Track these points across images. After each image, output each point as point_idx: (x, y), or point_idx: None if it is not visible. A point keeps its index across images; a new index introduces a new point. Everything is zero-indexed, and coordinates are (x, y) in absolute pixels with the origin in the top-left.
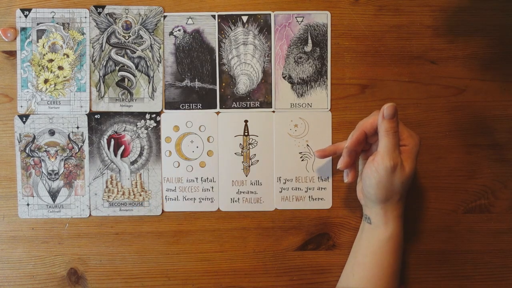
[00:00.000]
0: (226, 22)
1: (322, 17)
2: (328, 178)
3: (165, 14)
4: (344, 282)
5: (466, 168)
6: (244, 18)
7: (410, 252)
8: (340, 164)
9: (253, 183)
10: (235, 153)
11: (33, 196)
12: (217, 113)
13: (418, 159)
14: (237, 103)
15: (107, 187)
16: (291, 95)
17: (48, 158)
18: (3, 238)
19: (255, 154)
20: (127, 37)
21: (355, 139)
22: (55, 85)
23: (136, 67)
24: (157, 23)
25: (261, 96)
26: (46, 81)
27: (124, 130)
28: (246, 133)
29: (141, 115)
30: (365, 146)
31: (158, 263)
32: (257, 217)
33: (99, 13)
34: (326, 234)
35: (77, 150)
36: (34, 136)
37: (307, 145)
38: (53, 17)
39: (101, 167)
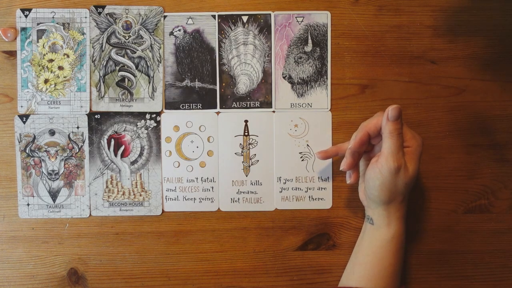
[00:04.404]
0: (226, 22)
1: (322, 17)
2: (328, 178)
3: (165, 14)
4: (345, 281)
5: (466, 168)
6: (244, 18)
7: (410, 252)
8: (343, 165)
9: (253, 183)
10: (235, 153)
11: (33, 196)
12: (217, 113)
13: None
14: (237, 103)
15: (107, 187)
16: (291, 95)
17: (48, 158)
18: (3, 238)
19: (255, 154)
20: (127, 37)
21: (358, 140)
22: (55, 85)
23: (136, 67)
24: (157, 23)
25: (261, 96)
26: (46, 81)
27: (124, 130)
28: (246, 133)
29: (141, 115)
30: (368, 147)
31: (158, 263)
32: (257, 217)
33: (99, 13)
34: (326, 234)
35: (77, 150)
36: (34, 136)
37: (307, 145)
38: (53, 17)
39: (101, 167)
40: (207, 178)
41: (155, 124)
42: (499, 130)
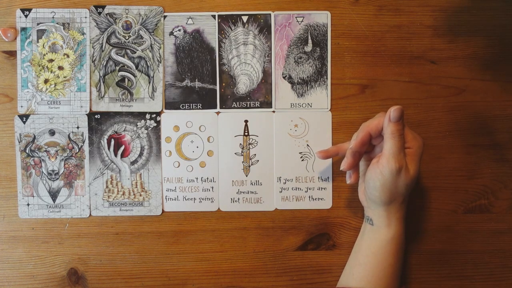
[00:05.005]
0: (226, 22)
1: (322, 17)
2: (328, 178)
3: (165, 14)
4: (344, 282)
5: (466, 168)
6: (244, 18)
7: (410, 252)
8: (343, 165)
9: (253, 183)
10: (235, 153)
11: (33, 196)
12: (217, 113)
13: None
14: (237, 103)
15: (107, 187)
16: (291, 95)
17: (48, 158)
18: (3, 238)
19: (255, 154)
20: (127, 37)
21: (359, 141)
22: (55, 85)
23: (136, 67)
24: (157, 23)
25: (261, 96)
26: (46, 81)
27: (124, 130)
28: (246, 133)
29: (141, 115)
30: (368, 148)
31: (158, 263)
32: (257, 217)
33: (99, 13)
34: (326, 234)
35: (77, 150)
36: (34, 136)
37: (307, 145)
38: (53, 17)
39: (101, 167)
40: (207, 178)
41: (155, 124)
42: (499, 130)
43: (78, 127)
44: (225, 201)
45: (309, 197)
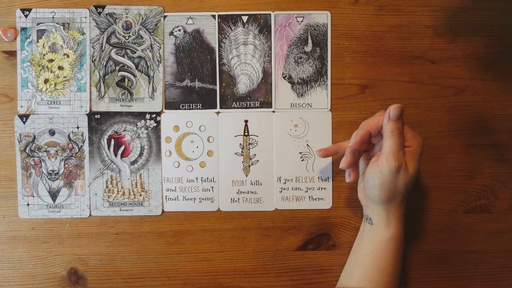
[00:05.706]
0: (226, 22)
1: (322, 17)
2: (328, 178)
3: (165, 14)
4: (344, 282)
5: (466, 168)
6: (244, 18)
7: (410, 252)
8: (343, 164)
9: (253, 183)
10: (235, 153)
11: (33, 196)
12: (217, 113)
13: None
14: (237, 103)
15: (107, 187)
16: (291, 95)
17: (48, 158)
18: (3, 238)
19: (255, 154)
20: (127, 37)
21: (359, 139)
22: (55, 85)
23: (136, 67)
24: (157, 23)
25: (261, 96)
26: (46, 81)
27: (124, 130)
28: (246, 133)
29: (141, 115)
30: (368, 146)
31: (158, 263)
32: (257, 217)
33: (99, 13)
34: (326, 234)
35: (77, 150)
36: (34, 136)
37: (307, 145)
38: (53, 17)
39: (101, 167)
40: (207, 178)
41: (155, 124)
42: (499, 130)
43: (78, 127)
44: (225, 201)
45: (309, 197)
